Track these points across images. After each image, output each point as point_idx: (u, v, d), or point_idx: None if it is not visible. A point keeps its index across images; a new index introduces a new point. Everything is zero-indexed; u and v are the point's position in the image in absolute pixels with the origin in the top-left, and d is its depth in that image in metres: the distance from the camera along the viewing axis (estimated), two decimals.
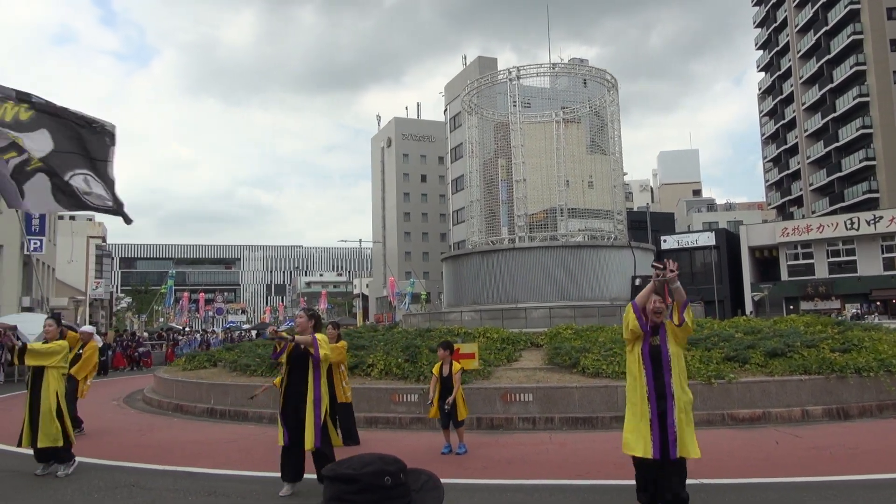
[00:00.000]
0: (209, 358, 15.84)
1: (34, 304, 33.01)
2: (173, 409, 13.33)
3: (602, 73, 21.42)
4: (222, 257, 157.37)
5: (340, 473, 1.44)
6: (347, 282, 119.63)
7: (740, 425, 9.68)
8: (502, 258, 19.22)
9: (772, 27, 67.38)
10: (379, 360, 11.87)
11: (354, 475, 1.42)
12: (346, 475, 1.43)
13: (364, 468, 1.44)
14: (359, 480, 1.42)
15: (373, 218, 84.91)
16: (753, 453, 7.89)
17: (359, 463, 1.45)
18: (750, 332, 12.57)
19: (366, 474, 1.43)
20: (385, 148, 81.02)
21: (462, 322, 17.07)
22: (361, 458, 1.48)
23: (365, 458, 1.47)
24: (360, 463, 1.45)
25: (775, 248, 46.52)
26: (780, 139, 66.91)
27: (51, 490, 6.89)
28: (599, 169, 21.39)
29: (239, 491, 6.78)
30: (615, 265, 18.88)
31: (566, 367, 11.34)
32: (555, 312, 16.88)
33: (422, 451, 8.47)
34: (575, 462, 7.78)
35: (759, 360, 10.82)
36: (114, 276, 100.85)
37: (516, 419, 10.25)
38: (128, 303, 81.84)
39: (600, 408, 10.23)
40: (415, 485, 1.51)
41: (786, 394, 10.23)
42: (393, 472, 1.45)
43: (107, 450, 9.14)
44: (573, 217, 21.04)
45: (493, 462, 7.88)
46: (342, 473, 1.43)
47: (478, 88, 22.30)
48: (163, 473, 7.63)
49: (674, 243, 49.43)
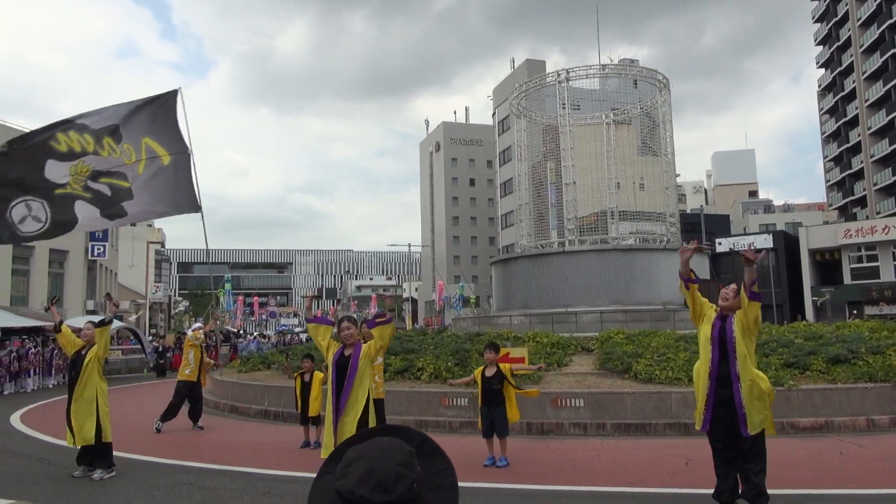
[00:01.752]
0: (263, 360, 16.19)
1: (97, 307, 34.35)
2: (229, 411, 13.66)
3: (653, 74, 21.07)
4: (275, 262, 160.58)
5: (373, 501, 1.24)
6: (397, 286, 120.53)
7: (801, 434, 9.36)
8: (552, 262, 19.07)
9: (832, 22, 65.10)
10: (429, 364, 11.92)
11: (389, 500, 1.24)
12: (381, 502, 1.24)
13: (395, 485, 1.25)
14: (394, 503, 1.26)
15: (422, 222, 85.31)
16: (816, 464, 7.62)
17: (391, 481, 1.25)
18: (811, 338, 12.16)
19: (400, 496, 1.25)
20: (434, 152, 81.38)
21: (511, 326, 17.00)
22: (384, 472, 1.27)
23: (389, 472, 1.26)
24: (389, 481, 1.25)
25: (837, 250, 44.82)
26: (841, 137, 64.53)
27: (113, 488, 7.14)
28: (651, 171, 21.04)
29: (293, 492, 6.90)
30: (668, 269, 18.51)
31: (618, 372, 11.17)
32: (606, 317, 16.65)
33: (472, 455, 8.45)
34: (628, 469, 7.64)
35: (820, 367, 10.45)
36: (172, 280, 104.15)
37: (567, 424, 10.14)
38: (185, 306, 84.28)
39: (653, 414, 10.04)
40: (429, 484, 1.33)
41: (850, 402, 9.84)
42: (417, 478, 1.29)
43: (166, 449, 9.42)
44: (624, 220, 20.73)
45: (544, 468, 7.81)
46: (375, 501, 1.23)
47: (526, 91, 22.21)
48: (219, 473, 7.82)
49: (729, 246, 48.15)
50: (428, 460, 1.37)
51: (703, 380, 5.60)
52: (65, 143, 8.98)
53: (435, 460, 1.39)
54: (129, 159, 9.29)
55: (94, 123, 9.19)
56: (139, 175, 9.33)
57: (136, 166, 9.33)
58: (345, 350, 6.16)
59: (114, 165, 9.27)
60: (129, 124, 9.34)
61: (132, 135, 9.34)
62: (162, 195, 9.54)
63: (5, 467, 8.28)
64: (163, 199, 9.57)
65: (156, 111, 9.54)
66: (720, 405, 5.47)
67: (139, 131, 9.39)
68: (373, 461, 1.29)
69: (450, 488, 1.37)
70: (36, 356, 20.62)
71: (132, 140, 9.33)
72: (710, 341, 5.60)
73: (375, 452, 1.31)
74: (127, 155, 9.28)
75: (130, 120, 9.36)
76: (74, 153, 9.02)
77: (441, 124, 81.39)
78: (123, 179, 9.29)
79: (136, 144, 9.34)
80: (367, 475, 1.27)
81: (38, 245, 29.49)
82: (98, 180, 9.16)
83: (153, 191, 9.48)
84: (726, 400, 5.43)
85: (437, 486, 1.35)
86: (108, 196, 9.23)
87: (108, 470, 7.63)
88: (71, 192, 9.00)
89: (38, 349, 20.82)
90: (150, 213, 9.95)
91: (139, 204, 9.38)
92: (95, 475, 7.50)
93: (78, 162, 9.02)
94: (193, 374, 11.59)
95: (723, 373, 5.49)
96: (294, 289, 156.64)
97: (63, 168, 8.95)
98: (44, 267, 30.12)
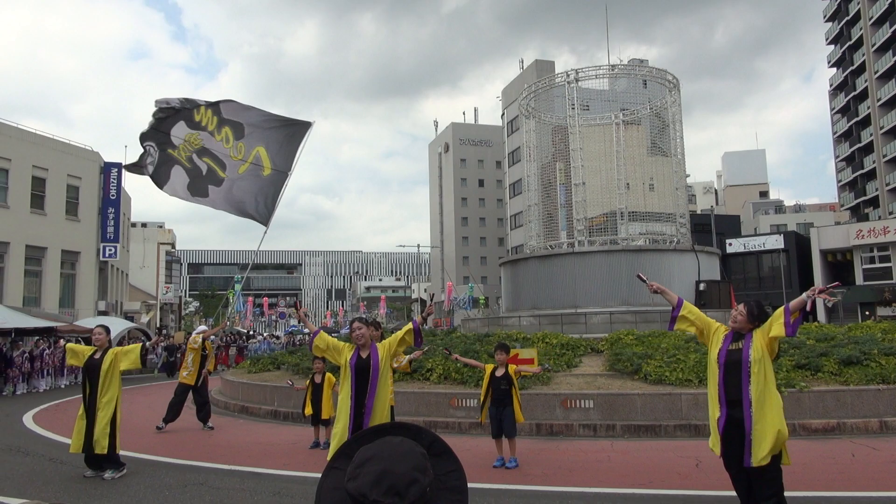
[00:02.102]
0: (273, 361, 16.23)
1: (109, 308, 34.60)
2: (239, 411, 13.71)
3: (663, 74, 20.98)
4: (284, 262, 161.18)
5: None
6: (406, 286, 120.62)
7: (813, 436, 9.29)
8: (561, 262, 19.03)
9: (843, 21, 64.63)
10: (438, 365, 11.92)
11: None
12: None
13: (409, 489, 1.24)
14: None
15: (431, 223, 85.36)
16: (828, 466, 7.56)
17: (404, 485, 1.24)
18: (822, 339, 12.08)
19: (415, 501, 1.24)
20: (442, 153, 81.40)
21: (521, 327, 16.97)
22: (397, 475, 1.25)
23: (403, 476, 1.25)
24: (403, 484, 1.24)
25: (849, 251, 44.47)
26: (853, 137, 64.04)
27: (124, 487, 7.18)
28: (661, 171, 20.95)
29: (303, 493, 6.91)
30: (678, 269, 18.44)
31: (628, 373, 11.13)
32: (615, 318, 16.60)
33: (481, 456, 8.44)
34: (638, 471, 7.61)
35: (832, 369, 10.38)
36: (182, 280, 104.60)
37: (576, 426, 10.11)
38: (195, 307, 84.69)
39: (663, 416, 10.00)
40: (440, 484, 1.32)
41: (862, 404, 9.77)
42: (430, 483, 1.28)
43: (177, 449, 9.47)
44: (634, 220, 20.65)
45: (553, 469, 7.79)
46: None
47: (535, 92, 22.18)
48: (230, 473, 7.85)
49: (740, 247, 47.85)
50: (438, 460, 1.35)
51: (715, 403, 5.19)
52: (202, 115, 10.03)
53: (445, 461, 1.37)
54: (236, 156, 10.13)
55: (226, 112, 10.12)
56: (238, 173, 10.16)
57: (239, 165, 10.15)
58: (360, 352, 6.01)
59: (220, 152, 10.10)
60: (254, 131, 10.18)
61: (251, 139, 10.17)
62: (245, 198, 10.28)
63: (18, 467, 8.34)
64: (244, 200, 10.29)
65: (286, 132, 10.31)
66: (732, 426, 5.05)
67: (258, 140, 10.19)
68: (386, 463, 1.27)
69: (460, 490, 1.35)
70: (50, 356, 20.78)
71: (248, 144, 10.17)
72: (717, 362, 5.16)
73: (388, 453, 1.29)
74: (236, 151, 10.11)
75: (257, 128, 10.19)
76: (198, 125, 10.00)
77: (450, 125, 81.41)
78: (222, 168, 10.13)
79: (249, 149, 10.18)
80: (380, 478, 1.24)
81: (51, 246, 29.75)
82: (202, 157, 10.05)
83: (241, 190, 10.24)
84: (738, 422, 5.03)
85: (448, 487, 1.34)
86: (203, 174, 10.10)
87: (119, 469, 7.66)
88: (176, 157, 9.94)
89: (50, 350, 20.98)
90: (229, 207, 10.52)
91: (222, 193, 10.18)
92: (107, 475, 7.53)
93: (195, 133, 9.97)
94: (191, 378, 11.66)
95: (733, 398, 5.04)
96: (304, 290, 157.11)
97: (184, 132, 9.94)
98: (56, 268, 30.34)
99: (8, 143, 28.33)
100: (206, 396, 11.81)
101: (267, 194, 10.27)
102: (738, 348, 5.11)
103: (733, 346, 5.17)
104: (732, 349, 5.15)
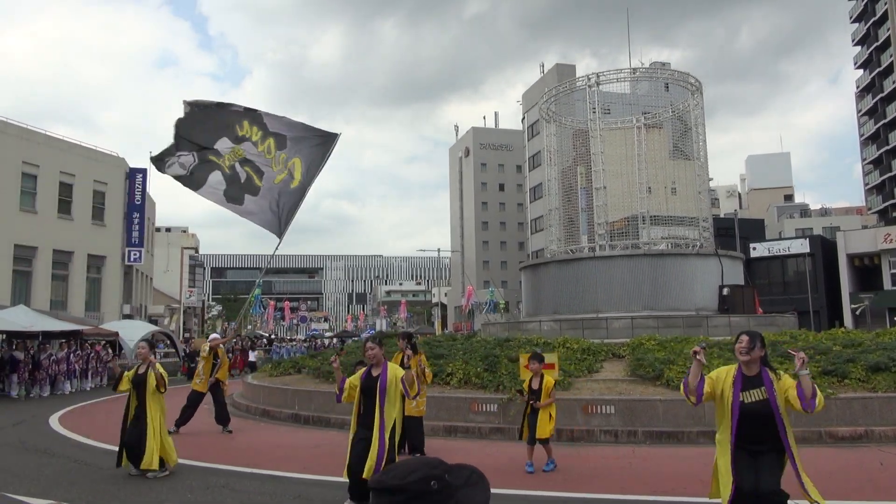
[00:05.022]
0: (294, 364, 16.32)
1: (133, 311, 35.07)
2: (260, 414, 13.80)
3: (685, 77, 20.81)
4: (306, 267, 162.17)
5: (387, 485, 1.41)
6: (426, 291, 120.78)
7: (840, 444, 9.12)
8: (582, 267, 18.92)
9: (870, 21, 63.59)
10: (458, 369, 11.89)
11: (401, 485, 1.40)
12: (393, 486, 1.40)
13: (409, 476, 1.41)
14: (406, 490, 1.40)
15: (451, 227, 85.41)
16: (855, 474, 7.42)
17: (403, 471, 1.42)
18: (849, 345, 11.86)
19: (412, 482, 1.40)
20: (463, 158, 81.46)
21: (541, 332, 16.89)
22: (406, 465, 1.45)
23: (409, 465, 1.44)
24: (405, 471, 1.42)
25: (877, 255, 43.65)
26: (881, 140, 62.92)
27: (146, 488, 7.26)
28: (683, 175, 20.76)
29: (322, 496, 6.93)
30: (701, 274, 18.24)
31: (649, 379, 11.02)
32: (637, 323, 16.44)
33: (503, 461, 8.41)
34: (660, 478, 7.53)
35: (859, 375, 10.19)
36: (205, 285, 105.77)
37: (598, 431, 10.03)
38: (218, 310, 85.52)
39: (686, 422, 9.88)
40: (458, 481, 1.46)
41: (891, 411, 9.57)
42: (438, 476, 1.42)
43: (199, 451, 9.55)
44: (655, 224, 20.47)
45: (574, 475, 7.73)
46: (389, 485, 1.41)
47: (556, 96, 22.12)
48: (251, 476, 7.90)
49: (764, 251, 47.18)
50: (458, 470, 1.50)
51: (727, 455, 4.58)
52: (246, 129, 10.18)
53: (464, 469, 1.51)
54: (275, 166, 10.26)
55: (270, 124, 10.27)
56: (274, 183, 10.28)
57: (276, 175, 10.29)
58: (372, 370, 6.12)
59: (260, 161, 10.24)
60: (296, 143, 10.34)
61: (291, 150, 10.33)
62: (272, 207, 10.39)
63: (44, 468, 8.47)
64: (270, 210, 10.40)
65: (319, 145, 10.46)
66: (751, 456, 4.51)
67: (296, 151, 10.34)
68: (404, 462, 1.48)
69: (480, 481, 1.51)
70: (77, 360, 21.08)
71: (289, 154, 10.32)
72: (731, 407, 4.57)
73: (410, 462, 1.48)
74: (277, 161, 10.25)
75: (298, 140, 10.36)
76: (243, 138, 10.18)
77: (471, 129, 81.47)
78: (259, 177, 10.26)
79: (288, 159, 10.32)
80: (392, 467, 1.47)
81: (77, 250, 30.23)
82: (243, 166, 10.23)
83: (269, 199, 10.36)
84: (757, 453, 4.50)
85: (472, 484, 1.49)
86: (241, 182, 10.25)
87: (161, 469, 7.84)
88: (218, 163, 10.12)
89: (77, 353, 21.28)
90: (256, 215, 10.61)
91: (255, 203, 10.31)
92: (150, 473, 7.71)
93: (238, 146, 10.17)
94: (203, 386, 11.76)
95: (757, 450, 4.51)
96: (325, 294, 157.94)
97: (228, 146, 10.14)
98: (82, 271, 30.82)
99: (36, 149, 28.88)
100: (222, 399, 11.90)
101: (286, 206, 10.40)
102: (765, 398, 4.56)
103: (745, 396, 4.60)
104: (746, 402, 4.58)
